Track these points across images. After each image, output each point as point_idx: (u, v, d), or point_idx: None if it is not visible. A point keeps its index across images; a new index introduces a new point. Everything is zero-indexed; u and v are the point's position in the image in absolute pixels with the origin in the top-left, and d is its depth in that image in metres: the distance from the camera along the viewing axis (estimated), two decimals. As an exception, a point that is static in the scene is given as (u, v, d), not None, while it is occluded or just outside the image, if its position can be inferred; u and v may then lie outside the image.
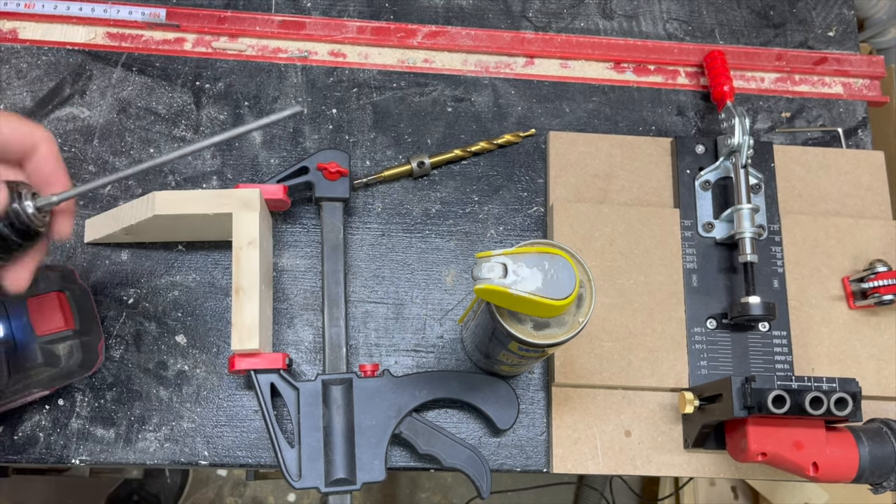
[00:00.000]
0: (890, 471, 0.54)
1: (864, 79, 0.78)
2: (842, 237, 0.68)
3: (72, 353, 0.57)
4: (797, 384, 0.54)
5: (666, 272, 0.66)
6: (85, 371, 0.60)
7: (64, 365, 0.57)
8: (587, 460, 0.63)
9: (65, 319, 0.56)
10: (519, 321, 0.48)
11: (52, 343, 0.56)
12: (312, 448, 0.58)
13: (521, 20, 0.77)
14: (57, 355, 0.57)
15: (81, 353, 0.58)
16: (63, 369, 0.57)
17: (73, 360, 0.57)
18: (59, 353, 0.57)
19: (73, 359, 0.57)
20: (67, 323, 0.56)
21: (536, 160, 0.72)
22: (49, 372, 0.57)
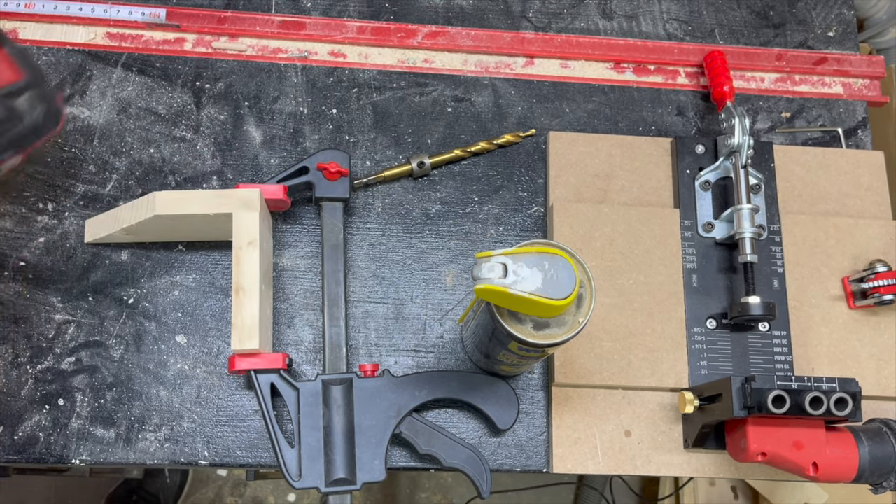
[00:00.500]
0: (890, 471, 0.55)
1: (864, 79, 0.78)
2: (842, 237, 0.68)
3: (33, 105, 0.55)
4: (797, 384, 0.54)
5: (666, 272, 0.66)
6: (53, 125, 0.57)
7: (28, 120, 0.55)
8: (587, 460, 0.63)
9: (12, 70, 0.54)
10: (519, 321, 0.48)
11: (8, 97, 0.54)
12: (312, 448, 0.58)
13: (521, 20, 0.77)
14: (17, 109, 0.55)
15: (43, 104, 0.56)
16: (29, 124, 0.55)
17: (37, 113, 0.55)
18: (19, 108, 0.55)
19: (37, 112, 0.55)
20: (16, 74, 0.54)
21: (536, 160, 0.72)
22: (16, 128, 0.55)
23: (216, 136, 0.70)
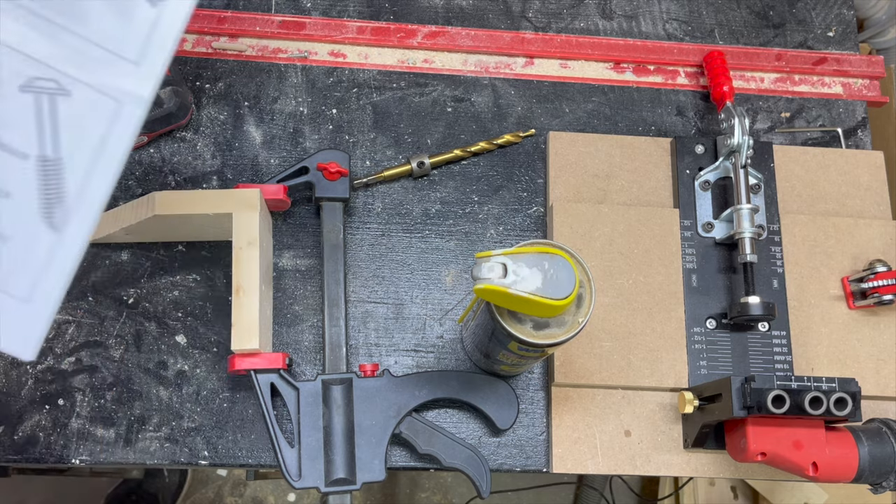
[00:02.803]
0: (889, 470, 0.55)
1: (864, 79, 0.78)
2: (841, 237, 0.68)
3: (170, 97, 0.66)
4: (797, 384, 0.54)
5: (665, 272, 0.66)
6: (182, 116, 0.68)
7: (166, 108, 0.66)
8: (587, 460, 0.63)
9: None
10: (519, 321, 0.48)
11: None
12: (312, 448, 0.58)
13: (521, 20, 0.77)
14: (160, 97, 0.66)
15: (178, 98, 0.66)
16: (165, 111, 0.66)
17: (173, 103, 0.66)
18: (162, 96, 0.66)
19: (172, 103, 0.66)
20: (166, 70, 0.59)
21: (536, 160, 0.72)
22: (154, 113, 0.65)
23: (216, 136, 0.70)
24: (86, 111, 0.34)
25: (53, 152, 0.34)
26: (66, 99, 0.33)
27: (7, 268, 0.34)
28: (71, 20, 0.33)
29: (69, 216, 0.34)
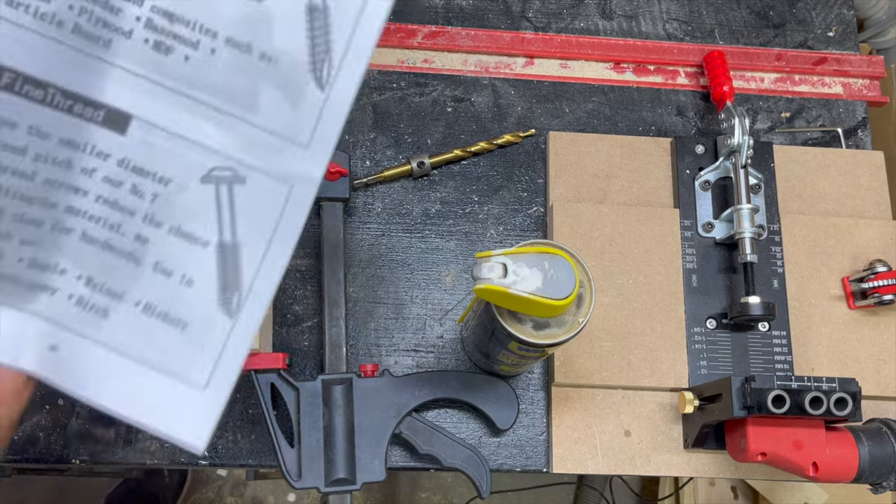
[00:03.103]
0: (889, 471, 0.54)
1: (864, 79, 0.78)
2: (841, 237, 0.68)
3: None
4: (797, 384, 0.54)
5: (666, 272, 0.66)
6: None
7: None
8: (587, 460, 0.63)
9: None
10: (519, 321, 0.48)
11: None
12: (312, 448, 0.58)
13: (521, 20, 0.77)
14: None
15: None
16: None
17: None
18: None
19: None
20: None
21: (536, 160, 0.72)
22: None
23: (216, 136, 0.70)
24: (260, 197, 0.35)
25: (231, 239, 0.35)
26: (242, 186, 0.34)
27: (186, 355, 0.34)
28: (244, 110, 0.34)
29: (244, 302, 0.35)
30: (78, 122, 0.34)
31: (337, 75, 0.34)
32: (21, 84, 0.34)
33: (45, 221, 0.34)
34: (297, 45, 0.34)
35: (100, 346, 0.34)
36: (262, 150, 0.35)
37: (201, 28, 0.34)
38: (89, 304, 0.35)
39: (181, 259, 0.35)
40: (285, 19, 0.34)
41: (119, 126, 0.35)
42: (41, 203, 0.34)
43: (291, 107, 0.35)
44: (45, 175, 0.34)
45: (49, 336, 0.34)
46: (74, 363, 0.34)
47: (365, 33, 0.33)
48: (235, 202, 0.35)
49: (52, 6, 0.33)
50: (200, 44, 0.34)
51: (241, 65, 0.34)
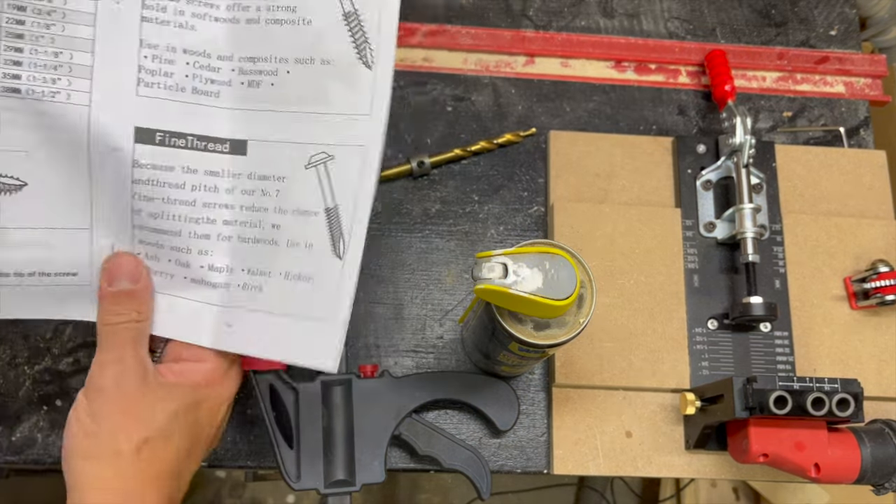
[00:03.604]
0: (892, 472, 0.54)
1: (866, 78, 0.78)
2: (844, 237, 0.68)
3: None
4: (799, 385, 0.53)
5: (667, 272, 0.66)
6: None
7: None
8: (588, 461, 0.62)
9: None
10: (519, 321, 0.48)
11: None
12: (311, 449, 0.58)
13: (522, 19, 0.77)
14: None
15: None
16: None
17: None
18: None
19: None
20: None
21: (537, 160, 0.72)
22: None
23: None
24: (346, 164, 0.44)
25: (332, 203, 0.45)
26: (333, 161, 0.44)
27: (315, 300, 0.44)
28: (322, 106, 0.44)
29: (348, 244, 0.45)
30: (213, 156, 0.45)
31: (377, 55, 0.44)
32: (168, 138, 0.45)
33: (211, 235, 0.46)
34: (344, 43, 0.44)
35: (259, 313, 0.45)
36: (340, 129, 0.44)
37: (275, 59, 0.45)
38: (250, 286, 0.46)
39: (303, 231, 0.45)
40: (330, 28, 0.44)
41: (241, 150, 0.46)
42: (205, 221, 0.45)
43: (352, 89, 0.44)
44: (202, 200, 0.45)
45: (226, 316, 0.46)
46: (243, 331, 0.45)
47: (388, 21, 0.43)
48: (330, 175, 0.44)
49: (175, 79, 0.45)
50: (278, 71, 0.45)
51: (309, 74, 0.45)
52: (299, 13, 0.44)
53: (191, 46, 0.45)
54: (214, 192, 0.46)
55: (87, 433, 0.45)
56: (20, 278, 0.45)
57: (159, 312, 0.47)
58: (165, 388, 0.46)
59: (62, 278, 0.45)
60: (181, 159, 0.45)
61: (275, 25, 0.45)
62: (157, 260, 0.46)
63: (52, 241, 0.45)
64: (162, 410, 0.45)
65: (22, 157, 0.43)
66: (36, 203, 0.44)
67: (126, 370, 0.45)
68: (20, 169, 0.43)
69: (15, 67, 0.43)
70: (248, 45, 0.45)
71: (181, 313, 0.47)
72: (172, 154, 0.45)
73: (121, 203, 0.45)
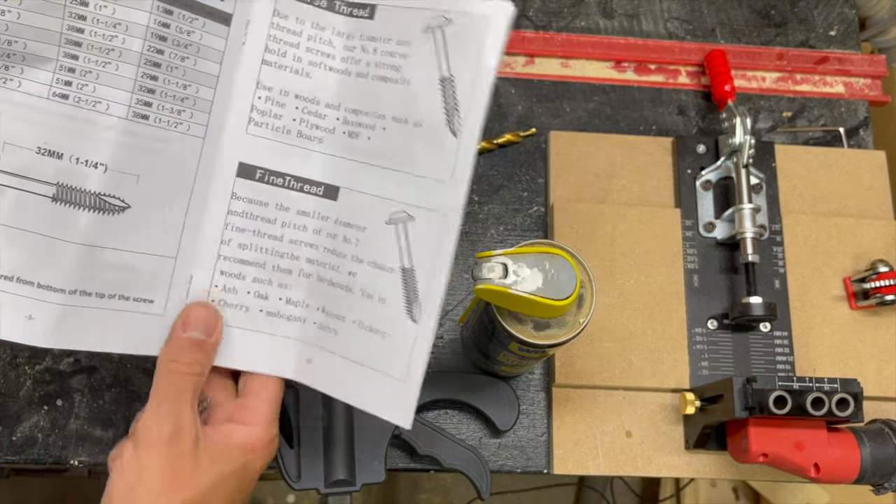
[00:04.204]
0: (891, 471, 0.54)
1: (866, 78, 0.78)
2: (843, 237, 0.68)
3: None
4: (798, 385, 0.53)
5: (667, 272, 0.66)
6: None
7: None
8: (588, 461, 0.62)
9: None
10: (519, 321, 0.48)
11: None
12: (312, 449, 0.58)
13: (522, 19, 0.77)
14: None
15: None
16: None
17: None
18: None
19: None
20: None
21: (537, 160, 0.72)
22: None
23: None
24: (425, 228, 0.45)
25: (409, 264, 0.45)
26: (412, 222, 0.45)
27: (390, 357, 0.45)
28: (408, 165, 0.45)
29: (423, 309, 0.44)
30: (307, 197, 0.47)
31: (464, 124, 0.44)
32: (268, 176, 0.47)
33: (293, 270, 0.47)
34: (436, 108, 0.45)
35: (336, 356, 0.46)
36: (422, 192, 0.45)
37: (375, 114, 0.46)
38: (326, 326, 0.47)
39: (378, 284, 0.45)
40: (426, 92, 0.45)
41: (333, 195, 0.47)
42: (289, 257, 0.47)
43: (437, 154, 0.45)
44: (290, 237, 0.47)
45: (306, 353, 0.47)
46: (324, 370, 0.47)
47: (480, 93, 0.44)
48: (409, 235, 0.45)
49: (283, 121, 0.47)
50: (376, 126, 0.46)
51: (402, 133, 0.46)
52: (402, 73, 0.45)
53: (302, 92, 0.47)
54: (303, 231, 0.47)
55: (129, 486, 0.44)
56: (101, 300, 0.45)
57: (231, 345, 0.47)
58: (215, 451, 0.45)
59: (139, 304, 0.46)
60: (277, 197, 0.47)
61: (380, 82, 0.46)
62: (234, 292, 0.47)
63: (139, 266, 0.46)
64: (207, 474, 0.44)
65: (133, 181, 0.45)
66: (133, 226, 0.45)
67: (182, 429, 0.44)
68: (128, 192, 0.45)
69: (148, 95, 0.44)
70: (354, 98, 0.47)
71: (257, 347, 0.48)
72: (270, 191, 0.47)
73: (213, 233, 0.46)
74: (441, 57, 0.45)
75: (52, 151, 0.43)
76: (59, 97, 0.43)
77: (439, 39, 0.45)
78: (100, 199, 0.44)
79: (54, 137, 0.43)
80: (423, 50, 0.45)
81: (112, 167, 0.44)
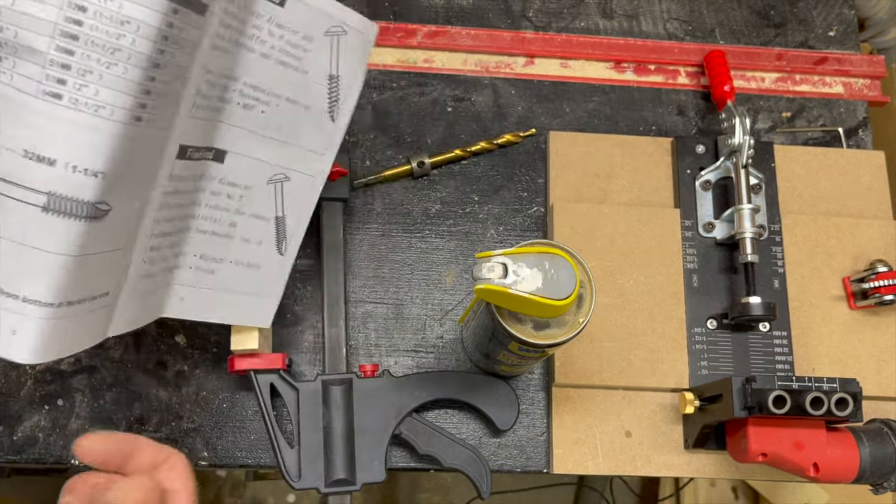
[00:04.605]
0: (890, 471, 0.54)
1: (865, 78, 0.78)
2: (842, 237, 0.68)
3: None
4: (798, 384, 0.53)
5: (666, 272, 0.66)
6: None
7: None
8: (587, 461, 0.62)
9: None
10: (519, 321, 0.48)
11: None
12: (312, 448, 0.58)
13: (522, 20, 0.77)
14: None
15: None
16: None
17: None
18: None
19: None
20: None
21: (536, 160, 0.72)
22: None
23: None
24: (297, 186, 0.55)
25: (281, 213, 0.55)
26: (288, 182, 0.55)
27: (261, 282, 0.56)
28: (292, 139, 0.54)
29: (288, 245, 0.57)
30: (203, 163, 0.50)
31: (341, 112, 0.55)
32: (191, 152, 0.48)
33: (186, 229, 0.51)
34: (322, 97, 0.54)
35: (209, 290, 0.54)
36: (300, 160, 0.55)
37: (272, 93, 0.51)
38: (200, 268, 0.53)
39: (256, 231, 0.55)
40: (317, 83, 0.53)
41: (220, 159, 0.51)
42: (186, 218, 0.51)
43: (317, 132, 0.55)
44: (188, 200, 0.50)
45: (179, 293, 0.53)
46: (193, 303, 0.53)
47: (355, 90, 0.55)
48: (284, 192, 0.55)
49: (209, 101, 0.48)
50: (271, 103, 0.51)
51: (292, 113, 0.53)
52: (302, 63, 0.51)
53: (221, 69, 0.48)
54: (194, 193, 0.50)
55: None
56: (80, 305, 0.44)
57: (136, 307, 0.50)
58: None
59: (102, 299, 0.46)
60: (191, 169, 0.49)
61: (280, 66, 0.50)
62: (152, 264, 0.49)
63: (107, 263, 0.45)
64: None
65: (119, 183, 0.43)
66: (109, 228, 0.44)
67: None
68: (113, 194, 0.43)
69: (145, 97, 0.42)
70: (254, 74, 0.49)
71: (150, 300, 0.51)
72: (190, 166, 0.49)
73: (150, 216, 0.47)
74: (333, 58, 0.53)
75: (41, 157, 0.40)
76: (52, 97, 0.39)
77: (335, 44, 0.52)
78: (93, 207, 0.42)
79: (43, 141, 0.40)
80: (322, 49, 0.52)
81: (108, 174, 0.41)
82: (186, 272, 0.53)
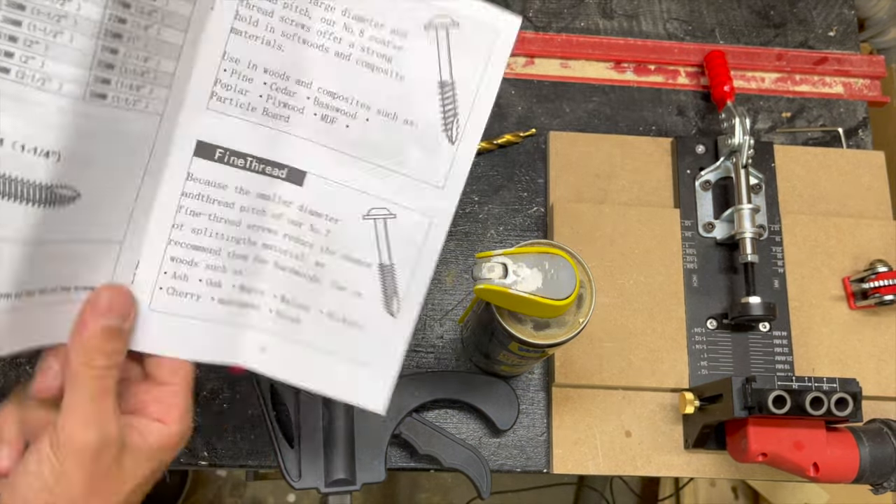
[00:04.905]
0: (890, 471, 0.54)
1: (865, 79, 0.78)
2: (842, 237, 0.68)
3: None
4: (797, 384, 0.53)
5: (666, 272, 0.66)
6: None
7: None
8: (587, 461, 0.62)
9: None
10: (519, 321, 0.48)
11: None
12: (312, 448, 0.58)
13: (522, 20, 0.77)
14: None
15: None
16: None
17: None
18: None
19: None
20: None
21: (536, 160, 0.72)
22: None
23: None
24: (407, 227, 0.45)
25: (388, 261, 0.45)
26: (394, 221, 0.45)
27: (365, 347, 0.45)
28: (394, 164, 0.44)
29: (402, 305, 0.45)
30: (268, 180, 0.44)
31: (463, 133, 0.44)
32: (228, 156, 0.43)
33: (249, 256, 0.44)
34: (433, 111, 0.44)
35: (298, 345, 0.45)
36: (408, 191, 0.45)
37: (357, 103, 0.44)
38: (285, 315, 0.45)
39: (351, 277, 0.45)
40: (422, 91, 0.44)
41: (297, 180, 0.44)
42: (246, 243, 0.44)
43: (431, 158, 0.45)
44: (248, 221, 0.44)
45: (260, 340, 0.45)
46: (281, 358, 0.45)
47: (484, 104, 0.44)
48: (389, 233, 0.45)
49: (249, 97, 0.43)
50: (357, 115, 0.44)
51: (388, 128, 0.44)
52: (394, 65, 0.43)
53: (272, 66, 0.43)
54: (261, 216, 0.44)
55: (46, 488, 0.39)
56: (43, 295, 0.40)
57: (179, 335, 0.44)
58: (135, 456, 0.41)
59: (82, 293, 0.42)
60: (237, 179, 0.43)
61: (364, 68, 0.43)
62: (185, 280, 0.44)
63: (84, 255, 0.41)
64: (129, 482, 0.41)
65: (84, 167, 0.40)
66: (82, 215, 0.40)
67: (108, 437, 0.39)
68: (80, 178, 0.39)
69: (107, 71, 0.39)
70: (330, 78, 0.43)
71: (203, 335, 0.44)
72: (230, 172, 0.43)
73: (164, 217, 0.43)
74: (443, 59, 0.43)
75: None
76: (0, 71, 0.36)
77: (442, 40, 0.43)
78: (50, 191, 0.38)
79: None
80: (421, 46, 0.43)
81: (65, 155, 0.38)
82: (266, 316, 0.45)
